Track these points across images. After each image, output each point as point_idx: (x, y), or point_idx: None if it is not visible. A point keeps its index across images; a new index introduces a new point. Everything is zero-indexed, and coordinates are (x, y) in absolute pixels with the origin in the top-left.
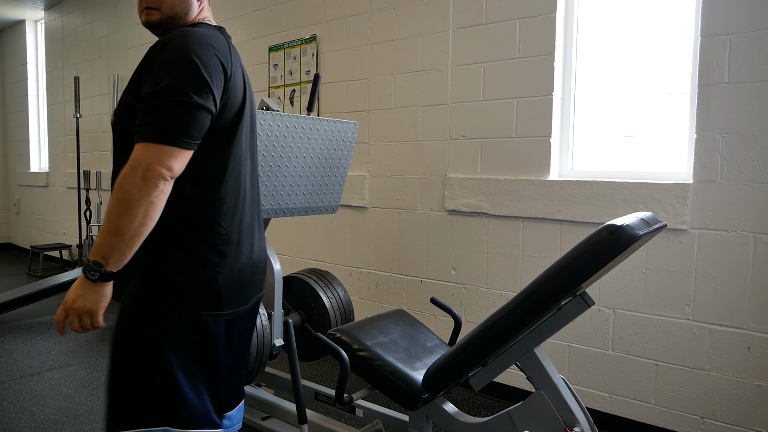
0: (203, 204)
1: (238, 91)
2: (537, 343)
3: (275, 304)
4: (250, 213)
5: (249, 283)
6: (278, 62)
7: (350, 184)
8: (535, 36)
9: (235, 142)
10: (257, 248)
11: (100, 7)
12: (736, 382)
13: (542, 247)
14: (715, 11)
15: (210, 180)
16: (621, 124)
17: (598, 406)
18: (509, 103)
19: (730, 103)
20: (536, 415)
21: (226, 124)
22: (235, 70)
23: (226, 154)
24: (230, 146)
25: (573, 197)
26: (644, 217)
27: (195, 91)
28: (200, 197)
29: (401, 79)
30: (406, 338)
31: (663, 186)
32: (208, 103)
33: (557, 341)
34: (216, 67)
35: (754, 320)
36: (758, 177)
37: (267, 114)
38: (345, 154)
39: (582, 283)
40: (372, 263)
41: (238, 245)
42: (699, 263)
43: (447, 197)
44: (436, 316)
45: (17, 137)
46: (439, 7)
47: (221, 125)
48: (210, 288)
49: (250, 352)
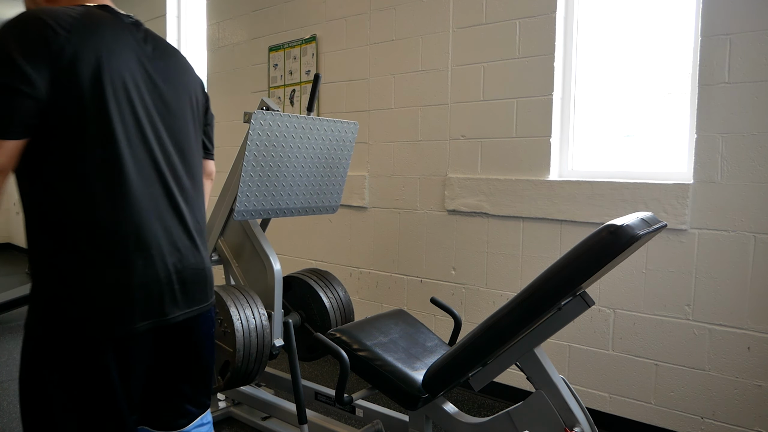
0: (66, 204)
1: (85, 67)
2: (537, 343)
3: (275, 304)
4: (159, 212)
5: (158, 294)
6: (278, 62)
7: (350, 184)
8: (535, 36)
9: (100, 127)
10: (181, 252)
11: None
12: (736, 382)
13: (542, 247)
14: (715, 11)
15: (69, 174)
16: (621, 124)
17: (598, 406)
18: (509, 103)
19: (730, 103)
20: (536, 415)
21: (75, 105)
22: (81, 47)
23: (84, 141)
24: (90, 132)
25: (573, 197)
26: (644, 217)
27: (4, 74)
28: (58, 196)
29: (401, 79)
30: (406, 338)
31: (663, 186)
32: (22, 86)
33: (557, 341)
34: (35, 44)
35: (754, 320)
36: (758, 177)
37: (267, 114)
38: (345, 154)
39: (582, 284)
40: (372, 263)
41: (127, 250)
42: (699, 263)
43: (447, 197)
44: (436, 316)
45: None
46: (439, 7)
47: (68, 107)
48: (83, 303)
49: (205, 363)
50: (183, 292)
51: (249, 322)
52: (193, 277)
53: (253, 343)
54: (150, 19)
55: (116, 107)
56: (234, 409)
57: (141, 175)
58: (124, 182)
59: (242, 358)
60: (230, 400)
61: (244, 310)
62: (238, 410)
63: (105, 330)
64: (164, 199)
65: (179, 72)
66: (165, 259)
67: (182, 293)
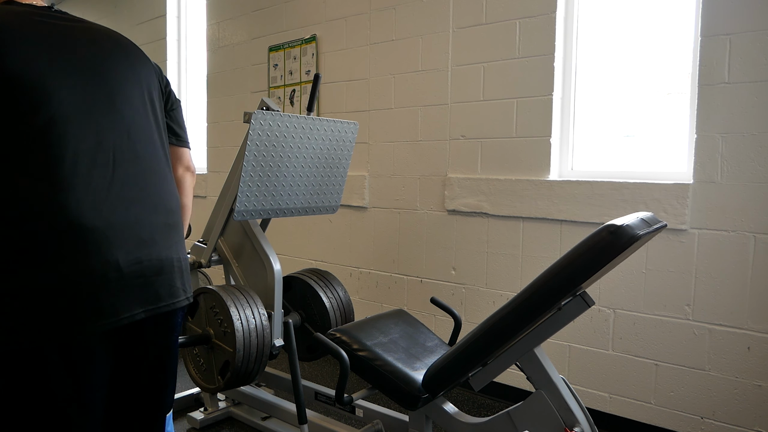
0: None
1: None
2: (537, 343)
3: (275, 304)
4: (127, 203)
5: (107, 293)
6: (278, 62)
7: (350, 184)
8: (535, 36)
9: (32, 109)
10: (146, 246)
11: (100, 6)
12: (736, 382)
13: (542, 247)
14: (715, 11)
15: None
16: (621, 124)
17: (598, 406)
18: (509, 103)
19: (730, 103)
20: (536, 415)
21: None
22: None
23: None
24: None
25: (573, 197)
26: (644, 217)
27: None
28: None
29: (401, 79)
30: (406, 338)
31: (663, 186)
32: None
33: (557, 341)
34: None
35: (754, 320)
36: (758, 177)
37: (267, 114)
38: (345, 154)
39: (582, 284)
40: (372, 263)
41: (76, 244)
42: (699, 263)
43: (447, 197)
44: (436, 316)
45: None
46: (439, 7)
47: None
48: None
49: (165, 377)
50: (139, 288)
51: (249, 322)
52: (152, 271)
53: (253, 343)
54: (150, 19)
55: (51, 92)
56: (234, 409)
57: (76, 163)
58: (54, 171)
59: (242, 358)
60: (230, 400)
61: (244, 310)
62: (238, 410)
63: (40, 335)
64: (108, 188)
65: (119, 57)
66: (111, 253)
67: (138, 289)
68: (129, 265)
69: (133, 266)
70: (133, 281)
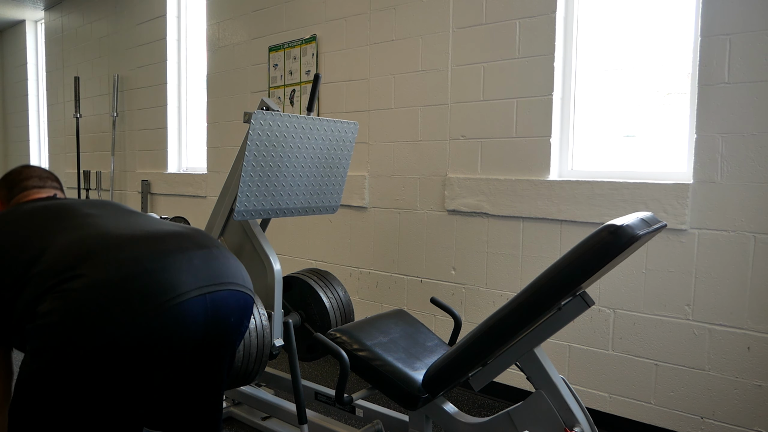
0: None
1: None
2: (537, 343)
3: (275, 304)
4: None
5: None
6: (278, 62)
7: (350, 184)
8: (535, 36)
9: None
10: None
11: (100, 7)
12: (736, 382)
13: (542, 247)
14: (715, 11)
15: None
16: (621, 124)
17: (598, 406)
18: (509, 103)
19: (730, 103)
20: (536, 415)
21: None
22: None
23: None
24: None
25: (573, 197)
26: (644, 217)
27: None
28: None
29: (401, 79)
30: (406, 338)
31: (663, 186)
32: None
33: (557, 341)
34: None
35: (754, 320)
36: (758, 177)
37: (267, 114)
38: (345, 154)
39: (582, 283)
40: (372, 263)
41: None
42: (699, 263)
43: (447, 197)
44: (436, 316)
45: (17, 137)
46: (439, 7)
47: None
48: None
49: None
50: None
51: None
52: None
53: (253, 343)
54: (150, 19)
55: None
56: (234, 409)
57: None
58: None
59: (242, 358)
60: (230, 400)
61: None
62: (238, 410)
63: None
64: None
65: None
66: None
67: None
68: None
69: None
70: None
